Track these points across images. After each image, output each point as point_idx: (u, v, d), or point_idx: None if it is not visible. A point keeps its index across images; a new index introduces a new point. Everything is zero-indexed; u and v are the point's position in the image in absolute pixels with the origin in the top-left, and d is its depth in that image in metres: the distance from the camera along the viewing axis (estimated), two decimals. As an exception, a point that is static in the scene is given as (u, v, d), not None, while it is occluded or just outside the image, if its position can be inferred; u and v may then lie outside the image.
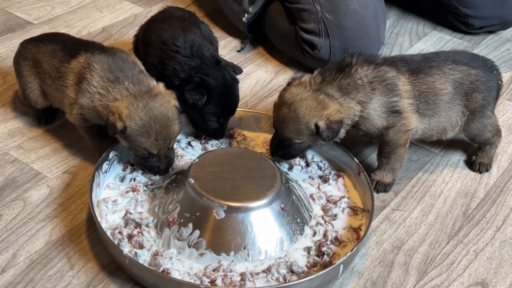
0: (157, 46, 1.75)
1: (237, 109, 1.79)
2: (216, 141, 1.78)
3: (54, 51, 1.68)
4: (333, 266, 1.38)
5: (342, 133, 1.61)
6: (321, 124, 1.55)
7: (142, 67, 1.64)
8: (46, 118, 1.84)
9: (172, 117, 1.56)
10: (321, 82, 1.59)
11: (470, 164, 1.81)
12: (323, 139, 1.57)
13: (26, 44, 1.78)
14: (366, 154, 1.83)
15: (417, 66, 1.64)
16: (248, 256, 1.44)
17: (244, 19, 2.22)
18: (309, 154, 1.74)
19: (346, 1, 2.06)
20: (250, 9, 2.21)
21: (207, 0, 2.57)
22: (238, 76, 1.91)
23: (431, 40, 2.43)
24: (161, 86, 1.60)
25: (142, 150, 1.56)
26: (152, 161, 1.58)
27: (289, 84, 1.65)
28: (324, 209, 1.60)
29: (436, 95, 1.63)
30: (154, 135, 1.53)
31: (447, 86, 1.64)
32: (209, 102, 1.67)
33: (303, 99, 1.57)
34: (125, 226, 1.49)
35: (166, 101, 1.56)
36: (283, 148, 1.64)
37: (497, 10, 2.35)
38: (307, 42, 2.09)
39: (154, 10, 2.47)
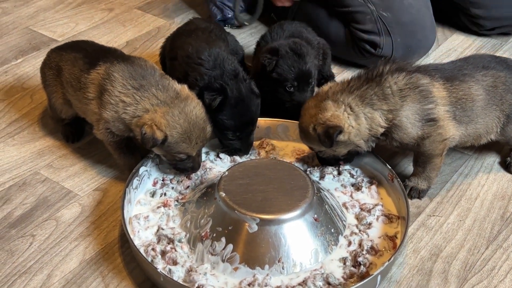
0: (182, 60, 1.74)
1: (265, 118, 1.78)
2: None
3: (75, 59, 1.68)
4: (371, 277, 1.36)
5: (364, 145, 1.58)
6: (318, 128, 1.55)
7: (161, 71, 1.64)
8: (73, 136, 1.84)
9: (205, 118, 1.58)
10: (340, 90, 1.58)
11: (506, 166, 1.77)
12: (322, 144, 1.56)
13: (51, 53, 1.80)
14: (397, 160, 1.80)
15: (450, 74, 1.61)
16: (283, 269, 1.42)
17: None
18: (340, 162, 1.72)
19: None
20: (246, 22, 2.32)
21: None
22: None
23: (458, 39, 2.38)
24: (186, 87, 1.60)
25: (181, 155, 1.57)
26: (187, 163, 1.60)
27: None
28: (358, 218, 1.57)
29: (473, 101, 1.59)
30: (194, 139, 1.55)
31: (482, 92, 1.61)
32: (223, 111, 1.66)
33: (308, 108, 1.60)
34: (158, 242, 1.48)
35: (197, 103, 1.58)
36: (318, 156, 1.67)
37: (508, 10, 2.28)
38: (368, 42, 2.10)
39: (177, 21, 2.47)
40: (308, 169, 1.71)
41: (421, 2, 2.15)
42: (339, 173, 1.69)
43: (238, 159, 1.75)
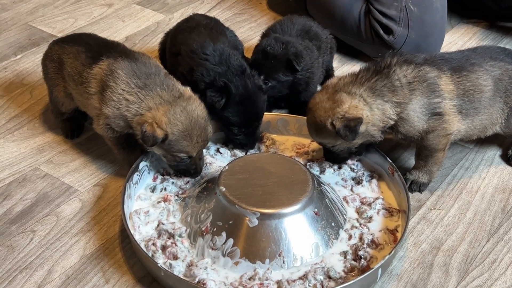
0: (186, 56, 1.74)
1: (265, 112, 1.77)
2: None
3: (77, 52, 1.67)
4: (372, 270, 1.36)
5: (378, 135, 1.58)
6: (336, 122, 1.52)
7: (165, 70, 1.63)
8: (73, 132, 1.84)
9: (207, 118, 1.57)
10: (351, 82, 1.56)
11: (507, 159, 1.76)
12: (343, 138, 1.53)
13: (53, 45, 1.78)
14: (397, 154, 1.80)
15: (458, 64, 1.60)
16: (283, 263, 1.42)
17: None
18: (340, 156, 1.71)
19: None
20: None
21: (227, 6, 2.57)
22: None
23: (458, 32, 2.38)
24: (189, 89, 1.60)
25: (182, 154, 1.55)
26: (188, 164, 1.58)
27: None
28: (359, 212, 1.57)
29: (481, 92, 1.58)
30: (195, 137, 1.53)
31: (490, 82, 1.60)
32: (228, 109, 1.66)
33: (320, 102, 1.56)
34: (159, 237, 1.48)
35: (199, 103, 1.57)
36: (328, 153, 1.64)
37: None
38: (384, 26, 2.07)
39: (176, 16, 2.47)
40: (308, 163, 1.70)
41: (444, 11, 2.14)
42: (340, 167, 1.69)
43: (238, 153, 1.74)
